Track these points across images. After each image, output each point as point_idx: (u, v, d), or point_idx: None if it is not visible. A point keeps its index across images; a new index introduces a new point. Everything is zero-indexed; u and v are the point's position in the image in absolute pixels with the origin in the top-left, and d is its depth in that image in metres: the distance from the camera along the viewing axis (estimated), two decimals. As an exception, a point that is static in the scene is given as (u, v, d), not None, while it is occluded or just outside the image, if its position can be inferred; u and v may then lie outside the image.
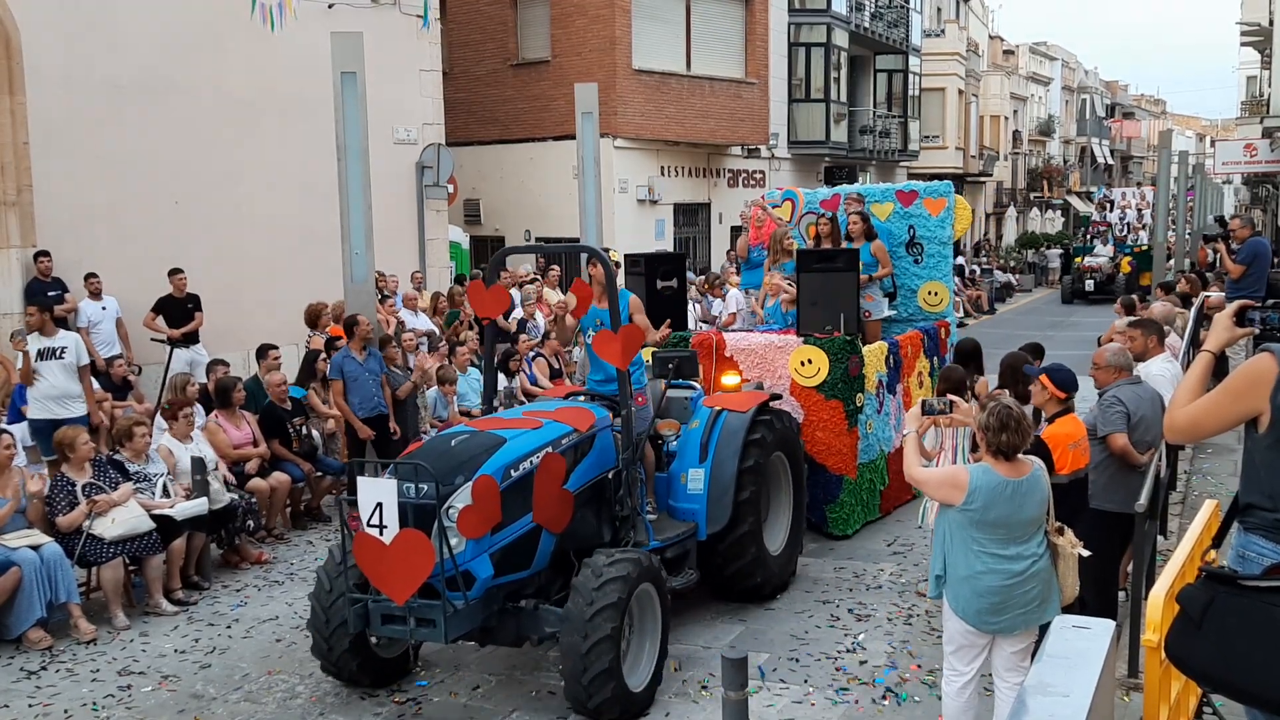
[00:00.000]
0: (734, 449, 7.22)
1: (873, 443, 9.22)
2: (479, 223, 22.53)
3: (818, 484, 8.71)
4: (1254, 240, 11.69)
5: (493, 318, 7.04)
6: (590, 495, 6.40)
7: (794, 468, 8.02)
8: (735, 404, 7.55)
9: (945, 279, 11.10)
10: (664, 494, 7.23)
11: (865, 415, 9.07)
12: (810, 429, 8.78)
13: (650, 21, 21.88)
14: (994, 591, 4.69)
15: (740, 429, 7.31)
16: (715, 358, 9.08)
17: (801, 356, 8.80)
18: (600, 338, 6.41)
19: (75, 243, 12.23)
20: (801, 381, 8.81)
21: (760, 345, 9.06)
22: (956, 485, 4.68)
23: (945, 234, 10.91)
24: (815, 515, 8.77)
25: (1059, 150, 57.73)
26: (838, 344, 8.74)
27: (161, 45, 13.17)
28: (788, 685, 6.22)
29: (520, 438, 6.00)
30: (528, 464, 5.86)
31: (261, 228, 14.08)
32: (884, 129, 31.88)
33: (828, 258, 9.26)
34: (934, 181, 11.50)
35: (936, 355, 10.64)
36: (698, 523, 7.04)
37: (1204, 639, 3.22)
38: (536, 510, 5.85)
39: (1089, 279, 31.36)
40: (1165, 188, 24.11)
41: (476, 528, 5.48)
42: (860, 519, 9.09)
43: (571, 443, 6.23)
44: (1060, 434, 5.83)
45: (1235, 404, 3.45)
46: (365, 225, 9.69)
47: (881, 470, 9.42)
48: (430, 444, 6.21)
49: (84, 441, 7.68)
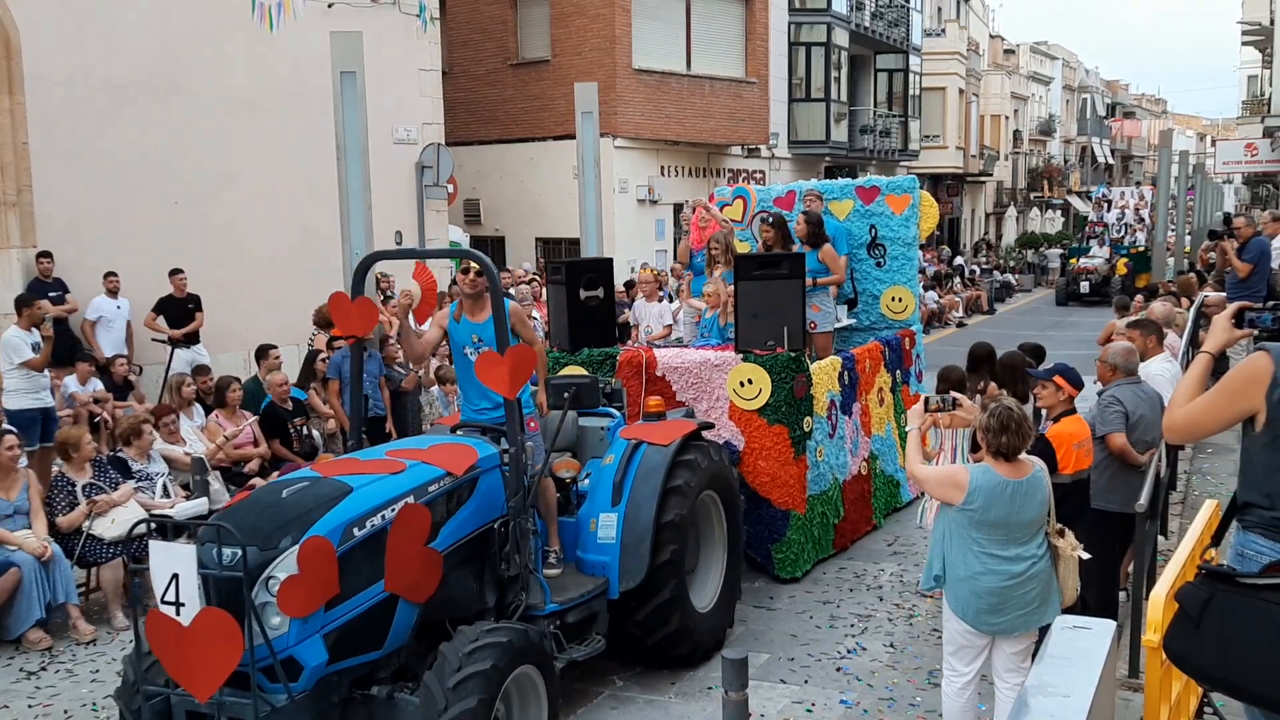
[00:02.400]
0: (653, 489, 6.17)
1: (824, 471, 8.19)
2: (479, 222, 22.54)
3: (761, 520, 7.75)
4: (1258, 239, 11.65)
5: (357, 336, 5.84)
6: (468, 552, 5.39)
7: (728, 508, 6.94)
8: (657, 436, 6.47)
9: (910, 284, 10.12)
10: (571, 543, 6.22)
11: (815, 441, 8.03)
12: (751, 458, 7.78)
13: (650, 21, 21.89)
14: (993, 592, 4.68)
15: (661, 465, 6.27)
16: (645, 378, 8.02)
17: (740, 376, 7.76)
18: (485, 360, 5.40)
19: (75, 243, 12.23)
20: (741, 404, 7.78)
21: (695, 363, 7.97)
22: (956, 485, 4.68)
23: (909, 234, 9.96)
24: (759, 554, 7.86)
25: (1059, 150, 57.74)
26: (781, 362, 7.69)
27: (161, 45, 13.17)
28: (788, 685, 6.22)
29: (371, 486, 4.94)
30: (378, 519, 4.80)
31: (261, 228, 14.08)
32: (884, 128, 31.90)
33: (770, 263, 8.12)
34: (898, 176, 10.66)
35: (900, 368, 9.74)
36: (609, 578, 6.04)
37: (1202, 637, 3.24)
38: (390, 576, 4.80)
39: (1084, 280, 30.63)
40: (1165, 187, 24.13)
41: (303, 603, 4.39)
42: (811, 557, 8.07)
43: (442, 490, 5.22)
44: (1065, 433, 5.83)
45: (1232, 403, 3.48)
46: (365, 225, 9.68)
47: (835, 502, 8.39)
48: (257, 495, 5.08)
49: (87, 441, 7.69)
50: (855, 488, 8.77)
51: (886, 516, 9.36)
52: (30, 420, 9.29)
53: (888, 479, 9.42)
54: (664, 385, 7.98)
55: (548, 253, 21.35)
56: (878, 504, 9.20)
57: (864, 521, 8.95)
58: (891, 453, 9.45)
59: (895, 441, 9.50)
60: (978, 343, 8.34)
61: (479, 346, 5.89)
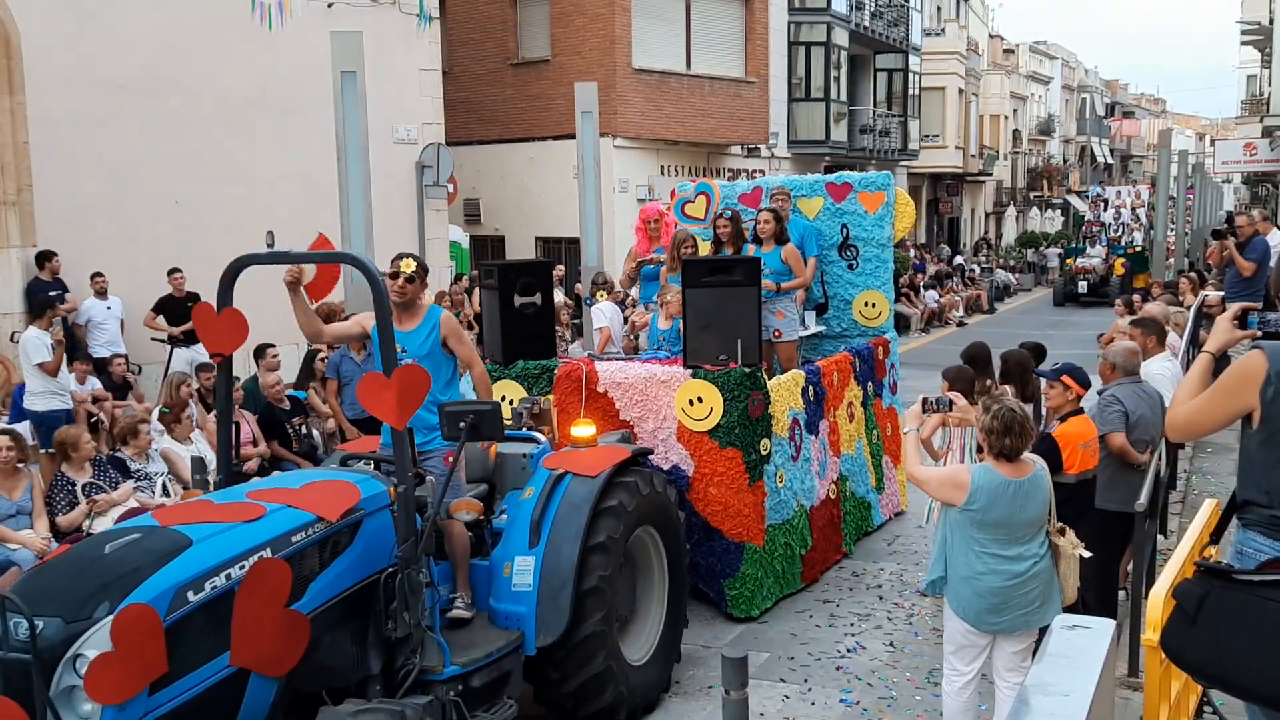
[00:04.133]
0: (577, 528, 5.43)
1: (786, 499, 7.41)
2: (479, 222, 22.54)
3: (714, 553, 7.03)
4: (1260, 238, 11.64)
5: (224, 353, 5.10)
6: (347, 611, 4.61)
7: (669, 545, 6.18)
8: (583, 465, 5.72)
9: (884, 288, 9.31)
10: (484, 590, 5.46)
11: (774, 465, 7.24)
12: (702, 485, 7.02)
13: (650, 21, 21.89)
14: (995, 592, 4.69)
15: (587, 500, 5.52)
16: (584, 394, 7.28)
17: (689, 393, 6.98)
18: (368, 384, 4.58)
19: (75, 243, 12.23)
20: (690, 425, 7.01)
21: (640, 379, 7.19)
22: (958, 485, 4.68)
23: (884, 234, 9.20)
24: (712, 589, 7.16)
25: (1059, 149, 57.77)
26: (734, 378, 6.91)
27: (161, 45, 13.17)
28: (788, 685, 6.22)
29: (217, 539, 4.17)
30: (221, 579, 4.05)
31: (261, 227, 14.00)
32: (884, 128, 31.91)
33: (722, 268, 7.28)
34: (871, 172, 9.56)
35: (872, 380, 9.00)
36: (524, 631, 5.28)
37: (1198, 633, 3.26)
38: (238, 647, 4.04)
39: (1082, 281, 30.36)
40: (1165, 187, 24.11)
41: (118, 686, 3.64)
42: (772, 594, 7.29)
43: (311, 539, 4.45)
44: (1071, 433, 5.84)
45: (1229, 401, 3.52)
46: (365, 225, 9.68)
47: (801, 530, 7.61)
48: (77, 551, 4.23)
49: (86, 441, 7.69)
50: (824, 513, 8.01)
51: (857, 542, 8.62)
52: (56, 421, 9.31)
53: (859, 501, 8.68)
54: (606, 402, 7.24)
55: (548, 252, 21.35)
56: (848, 530, 8.43)
57: (834, 550, 8.16)
58: (863, 473, 8.78)
59: (867, 461, 8.87)
60: (973, 343, 7.97)
61: (403, 358, 5.19)
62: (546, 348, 7.77)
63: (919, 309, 24.94)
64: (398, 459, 4.71)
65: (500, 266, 7.85)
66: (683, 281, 7.28)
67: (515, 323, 7.54)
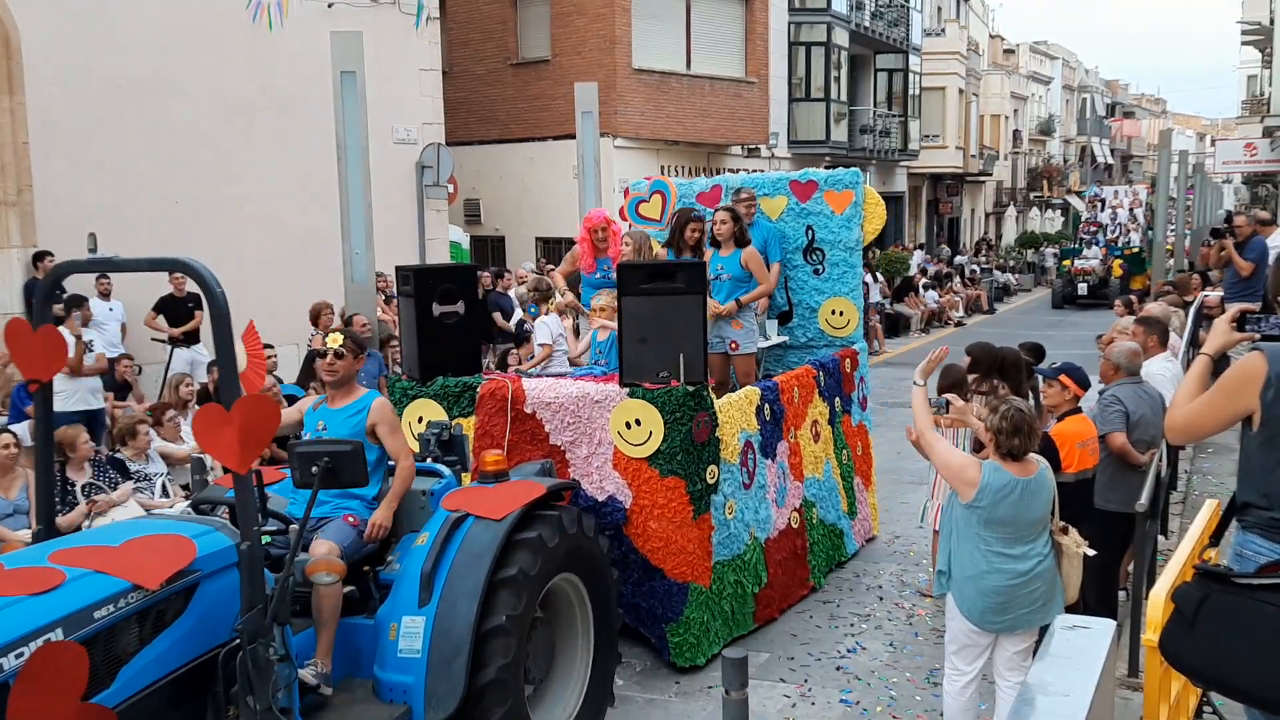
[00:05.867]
0: (475, 582, 4.62)
1: (737, 531, 6.59)
2: (479, 222, 22.56)
3: (654, 595, 6.23)
4: (1258, 239, 11.65)
5: (42, 380, 4.14)
6: (174, 696, 3.87)
7: (595, 593, 5.40)
8: (488, 506, 4.91)
9: (853, 295, 8.57)
10: (368, 655, 4.68)
11: (723, 495, 6.43)
12: (640, 518, 6.20)
13: (650, 21, 21.90)
14: (999, 591, 4.69)
15: (489, 548, 4.71)
16: (510, 416, 6.44)
17: (626, 415, 6.16)
18: (203, 418, 3.81)
19: (75, 243, 12.22)
20: (627, 451, 6.20)
21: (571, 398, 6.35)
22: (968, 481, 4.68)
23: (852, 236, 8.45)
24: (654, 635, 6.35)
25: (1059, 149, 57.79)
26: (676, 397, 6.09)
27: (161, 45, 13.18)
28: (788, 685, 6.22)
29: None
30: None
31: (261, 228, 14.09)
32: (884, 128, 31.92)
33: (661, 274, 6.36)
34: (839, 169, 8.84)
35: (839, 395, 8.20)
36: (411, 706, 4.51)
37: (1197, 636, 3.26)
38: None
39: (1081, 282, 29.71)
40: (1165, 187, 24.11)
41: None
42: (720, 638, 6.46)
43: (123, 612, 3.70)
44: (1069, 432, 5.85)
45: (1229, 403, 3.52)
46: (365, 225, 9.69)
47: (754, 566, 6.76)
48: None
49: (84, 441, 7.69)
50: (784, 545, 7.18)
51: (828, 575, 7.85)
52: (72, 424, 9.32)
53: (828, 529, 7.88)
54: (535, 425, 6.44)
55: (548, 252, 21.36)
56: (816, 561, 7.61)
57: (798, 584, 7.37)
58: (832, 497, 7.97)
59: (836, 483, 8.08)
60: (973, 343, 7.74)
61: (320, 435, 4.86)
62: (470, 363, 6.92)
63: (919, 309, 24.97)
64: (241, 511, 3.86)
65: (416, 271, 6.86)
66: (618, 289, 6.39)
67: (434, 334, 6.69)
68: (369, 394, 5.06)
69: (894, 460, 10.73)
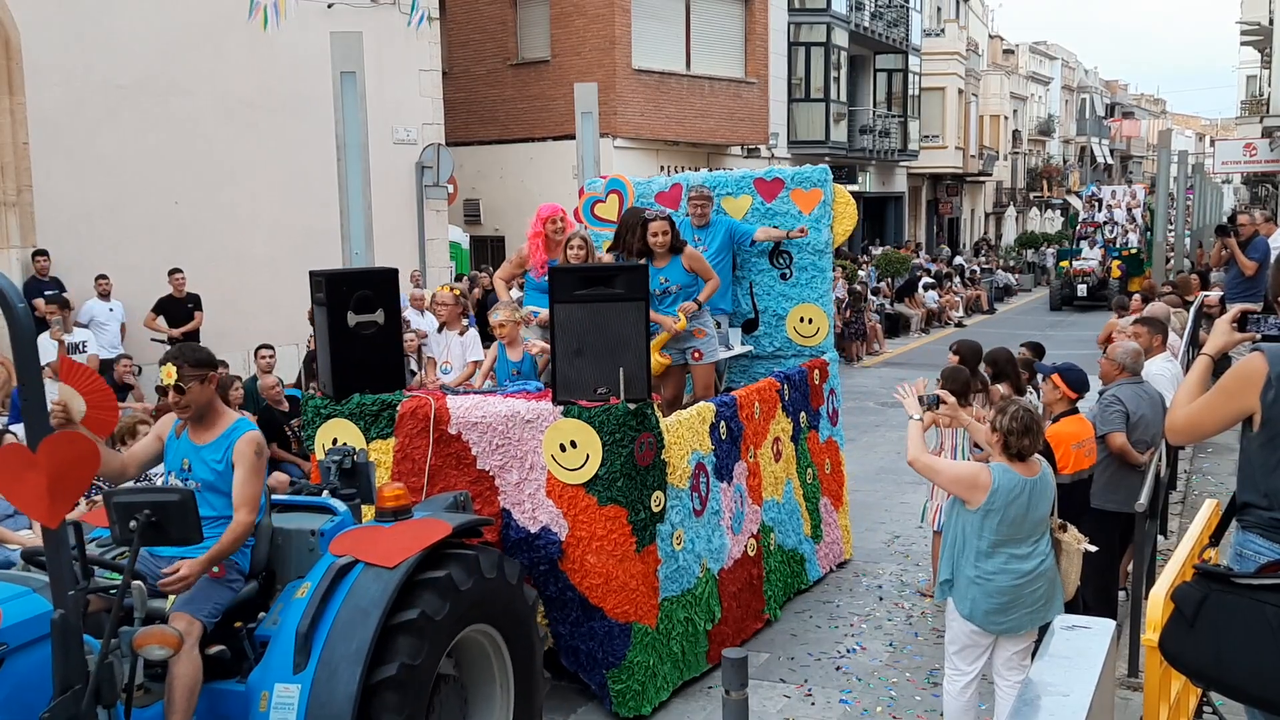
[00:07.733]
0: (360, 643, 3.97)
1: (687, 564, 5.96)
2: (479, 222, 22.57)
3: (594, 636, 5.60)
4: (1260, 239, 11.65)
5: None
6: None
7: (516, 651, 4.74)
8: (381, 551, 4.23)
9: (822, 301, 8.00)
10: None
11: (670, 524, 5.79)
12: (577, 551, 5.57)
13: (650, 21, 21.91)
14: (1004, 591, 4.70)
15: (379, 602, 4.05)
16: (433, 437, 5.81)
17: (560, 437, 5.54)
18: (5, 462, 3.26)
19: (75, 243, 12.25)
20: (561, 476, 5.58)
21: (500, 417, 5.70)
22: (978, 486, 4.68)
23: (821, 239, 7.89)
24: (594, 682, 5.73)
25: (1059, 150, 57.82)
26: (616, 416, 5.46)
27: (161, 45, 13.19)
28: (788, 685, 6.22)
29: None
30: None
31: (261, 228, 14.10)
32: (884, 129, 31.95)
33: (598, 278, 5.69)
34: (806, 166, 8.32)
35: (805, 409, 7.58)
36: None
37: (1197, 636, 3.26)
38: None
39: (1080, 283, 29.02)
40: (1164, 187, 24.10)
41: None
42: (669, 683, 5.85)
43: None
44: (1065, 433, 5.85)
45: (1229, 403, 3.52)
46: (365, 225, 9.68)
47: (706, 601, 6.14)
48: None
49: (84, 441, 7.68)
50: (739, 575, 6.55)
51: (784, 605, 7.22)
52: None
53: (788, 555, 7.23)
54: (461, 448, 5.79)
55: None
56: (772, 590, 6.98)
57: (752, 617, 6.72)
58: (793, 521, 7.34)
59: (799, 505, 7.44)
60: (962, 339, 7.53)
61: (186, 477, 4.29)
62: (391, 378, 6.15)
63: (919, 309, 25.00)
64: (53, 573, 3.26)
65: (329, 276, 6.00)
66: (550, 296, 5.73)
67: (350, 346, 5.97)
68: (239, 423, 4.38)
69: (894, 460, 10.73)
